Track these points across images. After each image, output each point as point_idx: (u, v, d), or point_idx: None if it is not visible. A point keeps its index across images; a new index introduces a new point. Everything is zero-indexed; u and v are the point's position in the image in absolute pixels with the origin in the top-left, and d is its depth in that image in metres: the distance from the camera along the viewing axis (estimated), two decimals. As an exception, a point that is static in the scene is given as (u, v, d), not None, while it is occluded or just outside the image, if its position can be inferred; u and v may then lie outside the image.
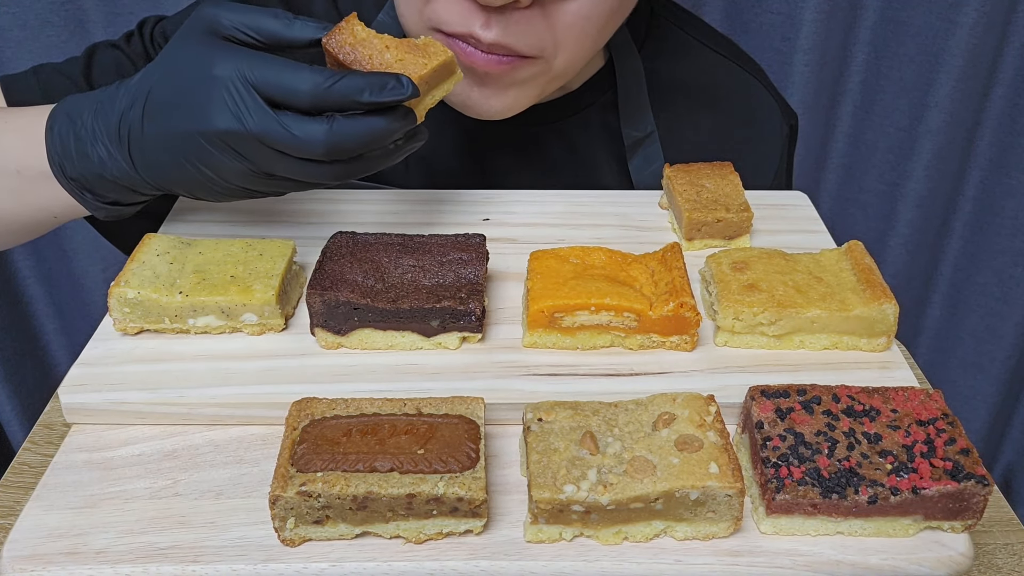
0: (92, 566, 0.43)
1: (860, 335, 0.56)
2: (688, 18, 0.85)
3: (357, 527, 0.44)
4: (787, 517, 0.45)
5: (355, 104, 0.51)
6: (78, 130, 0.56)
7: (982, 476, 0.45)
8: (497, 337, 0.57)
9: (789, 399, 0.48)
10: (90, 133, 0.55)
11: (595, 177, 0.80)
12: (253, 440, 0.51)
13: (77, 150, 0.56)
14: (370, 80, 0.50)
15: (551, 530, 0.45)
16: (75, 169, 0.56)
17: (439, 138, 0.79)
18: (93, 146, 0.55)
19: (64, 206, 0.60)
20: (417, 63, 0.53)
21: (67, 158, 0.56)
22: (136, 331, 0.56)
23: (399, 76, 0.51)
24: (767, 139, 0.84)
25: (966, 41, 1.15)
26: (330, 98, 0.50)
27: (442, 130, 0.78)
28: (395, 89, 0.51)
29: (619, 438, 0.46)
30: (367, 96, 0.50)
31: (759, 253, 0.60)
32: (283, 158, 0.52)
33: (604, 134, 0.80)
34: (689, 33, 0.83)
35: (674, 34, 0.83)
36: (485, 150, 0.79)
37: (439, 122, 0.78)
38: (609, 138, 0.80)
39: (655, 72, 0.80)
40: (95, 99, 0.56)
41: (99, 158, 0.55)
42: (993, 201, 1.33)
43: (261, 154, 0.52)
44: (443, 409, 0.47)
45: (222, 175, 0.54)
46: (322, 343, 0.56)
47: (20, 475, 0.57)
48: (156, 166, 0.55)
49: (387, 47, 0.53)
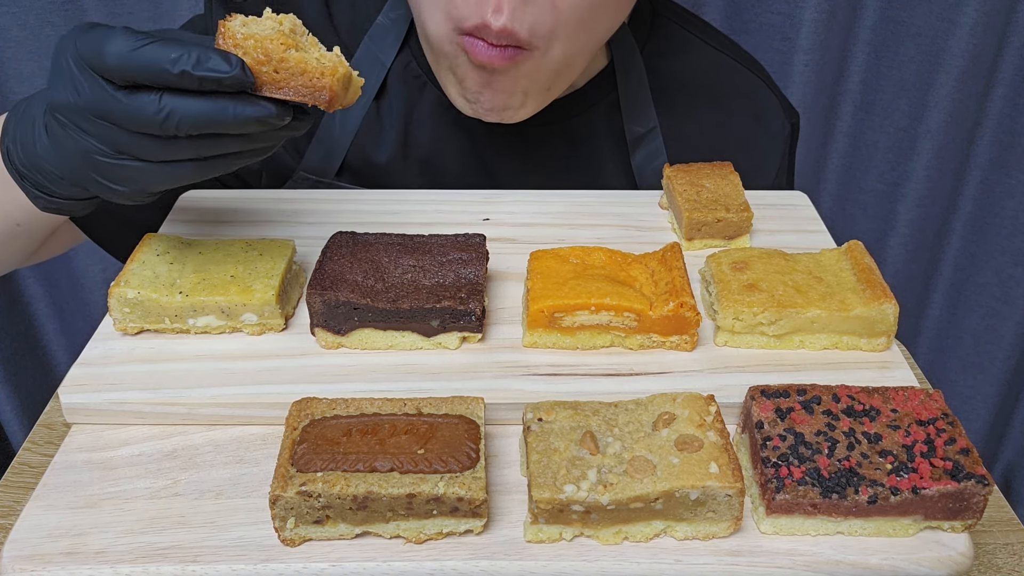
0: (92, 566, 0.43)
1: (860, 335, 0.56)
2: (690, 17, 0.85)
3: (357, 527, 0.44)
4: (787, 517, 0.45)
5: (168, 76, 0.46)
6: (25, 122, 0.55)
7: (982, 476, 0.45)
8: (497, 337, 0.57)
9: (789, 399, 0.48)
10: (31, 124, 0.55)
11: (598, 175, 0.80)
12: (253, 440, 0.51)
13: (23, 143, 0.55)
14: (188, 51, 0.45)
15: (551, 530, 0.45)
16: (22, 162, 0.56)
17: (441, 139, 0.79)
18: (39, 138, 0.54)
19: (25, 212, 0.60)
20: (333, 61, 0.48)
21: (15, 152, 0.56)
22: (136, 331, 0.56)
23: (228, 55, 0.46)
24: (769, 137, 0.85)
25: (966, 41, 1.15)
26: (135, 65, 0.46)
27: (444, 131, 0.78)
28: (216, 66, 0.46)
29: (619, 438, 0.46)
30: (178, 67, 0.45)
31: (759, 253, 0.60)
32: (124, 134, 0.48)
33: (607, 132, 0.80)
34: (691, 32, 0.84)
35: (676, 33, 0.83)
36: (488, 150, 0.79)
37: (441, 123, 0.78)
38: (612, 136, 0.81)
39: (658, 70, 0.81)
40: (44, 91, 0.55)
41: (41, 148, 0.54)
42: (993, 201, 1.33)
43: (103, 130, 0.49)
44: (443, 409, 0.47)
45: (83, 153, 0.51)
46: (322, 343, 0.56)
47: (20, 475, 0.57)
48: (48, 152, 0.54)
49: (284, 45, 0.47)
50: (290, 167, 0.79)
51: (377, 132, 0.79)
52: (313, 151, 0.78)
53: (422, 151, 0.79)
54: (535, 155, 0.79)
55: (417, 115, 0.79)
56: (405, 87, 0.78)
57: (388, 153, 0.79)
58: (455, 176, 0.79)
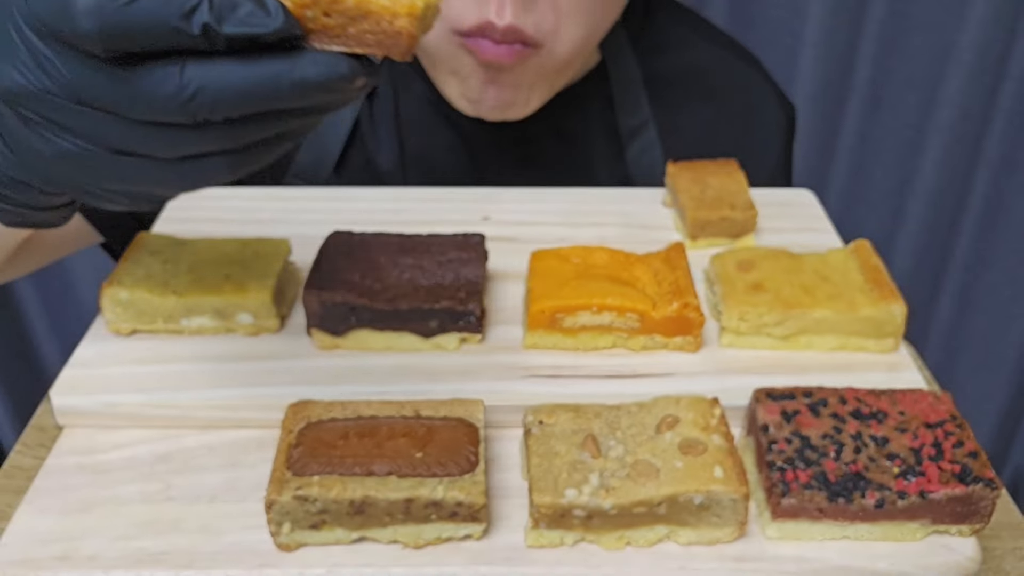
0: (84, 571, 0.43)
1: (868, 336, 0.56)
2: (683, 11, 0.85)
3: (354, 532, 0.44)
4: (793, 522, 0.44)
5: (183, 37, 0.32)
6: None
7: (990, 479, 0.44)
8: (497, 338, 0.57)
9: (795, 401, 0.48)
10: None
11: (592, 171, 0.80)
12: (248, 443, 0.50)
13: None
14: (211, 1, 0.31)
15: (552, 535, 0.44)
16: None
17: (434, 137, 0.78)
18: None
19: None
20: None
21: None
22: (129, 332, 0.56)
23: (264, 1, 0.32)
24: (766, 130, 0.85)
25: (975, 35, 1.14)
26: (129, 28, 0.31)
27: (437, 129, 0.78)
28: (249, 17, 0.32)
29: (622, 441, 0.45)
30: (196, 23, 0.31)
31: (765, 252, 0.60)
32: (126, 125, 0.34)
33: (601, 128, 0.80)
34: (684, 25, 0.84)
35: (669, 27, 0.83)
36: (481, 148, 0.79)
37: (433, 122, 0.78)
38: (606, 133, 0.80)
39: (651, 65, 0.81)
40: None
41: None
42: (1003, 199, 1.32)
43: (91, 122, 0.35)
44: (442, 412, 0.47)
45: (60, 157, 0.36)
46: (319, 344, 0.55)
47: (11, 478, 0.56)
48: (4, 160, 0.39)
49: None
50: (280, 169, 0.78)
51: (371, 132, 0.78)
52: (303, 153, 0.77)
53: (417, 149, 0.79)
54: (528, 151, 0.79)
55: (405, 113, 0.78)
56: (392, 84, 0.78)
57: (381, 153, 0.78)
58: (444, 173, 0.79)
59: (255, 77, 0.33)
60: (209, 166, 0.36)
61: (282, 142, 0.37)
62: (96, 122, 0.34)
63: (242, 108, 0.33)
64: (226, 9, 0.32)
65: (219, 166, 0.36)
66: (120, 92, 0.33)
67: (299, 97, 0.34)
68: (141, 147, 0.35)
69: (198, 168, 0.36)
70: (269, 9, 0.32)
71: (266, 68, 0.33)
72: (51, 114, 0.34)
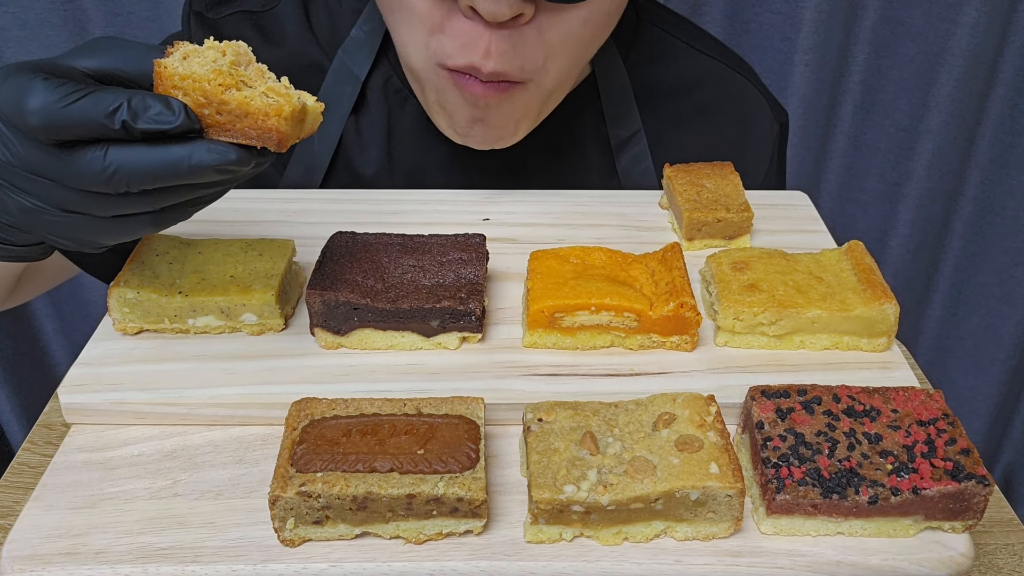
0: (91, 566, 0.43)
1: (861, 335, 0.56)
2: (675, 21, 0.85)
3: (357, 527, 0.44)
4: (787, 517, 0.45)
5: (107, 131, 0.42)
6: None
7: (982, 476, 0.44)
8: (497, 337, 0.57)
9: (789, 399, 0.48)
10: None
11: (583, 182, 0.79)
12: (253, 440, 0.51)
13: None
14: (125, 100, 0.42)
15: (551, 530, 0.45)
16: None
17: (426, 154, 0.78)
18: None
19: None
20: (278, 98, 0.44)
21: None
22: (136, 331, 0.56)
23: (169, 100, 0.42)
24: (758, 139, 0.84)
25: (967, 41, 1.15)
26: (66, 123, 0.41)
27: (429, 146, 0.78)
28: (158, 115, 0.42)
29: (619, 438, 0.46)
30: (117, 120, 0.41)
31: (759, 253, 0.60)
32: (68, 191, 0.45)
33: (592, 140, 0.80)
34: (676, 36, 0.83)
35: (661, 39, 0.82)
36: (472, 161, 0.78)
37: (425, 139, 0.77)
38: (597, 144, 0.80)
39: (642, 77, 0.80)
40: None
41: None
42: (994, 201, 1.33)
43: (43, 188, 0.45)
44: (443, 409, 0.47)
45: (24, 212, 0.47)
46: (322, 343, 0.55)
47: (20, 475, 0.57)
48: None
49: (223, 85, 0.43)
50: (273, 181, 0.78)
51: (359, 147, 0.78)
52: (294, 167, 0.77)
53: (406, 165, 0.78)
54: (519, 163, 0.78)
55: (399, 129, 0.78)
56: (387, 102, 0.77)
57: (372, 167, 0.78)
58: (436, 186, 0.79)
59: (160, 160, 0.43)
60: (135, 223, 0.47)
61: (196, 204, 0.48)
62: (46, 188, 0.45)
63: (153, 183, 0.44)
64: (140, 109, 0.42)
65: (143, 223, 0.47)
66: (60, 168, 0.43)
67: (197, 176, 0.44)
68: (81, 207, 0.45)
69: (127, 224, 0.47)
70: (174, 109, 0.42)
71: (170, 153, 0.43)
72: (14, 180, 0.45)
